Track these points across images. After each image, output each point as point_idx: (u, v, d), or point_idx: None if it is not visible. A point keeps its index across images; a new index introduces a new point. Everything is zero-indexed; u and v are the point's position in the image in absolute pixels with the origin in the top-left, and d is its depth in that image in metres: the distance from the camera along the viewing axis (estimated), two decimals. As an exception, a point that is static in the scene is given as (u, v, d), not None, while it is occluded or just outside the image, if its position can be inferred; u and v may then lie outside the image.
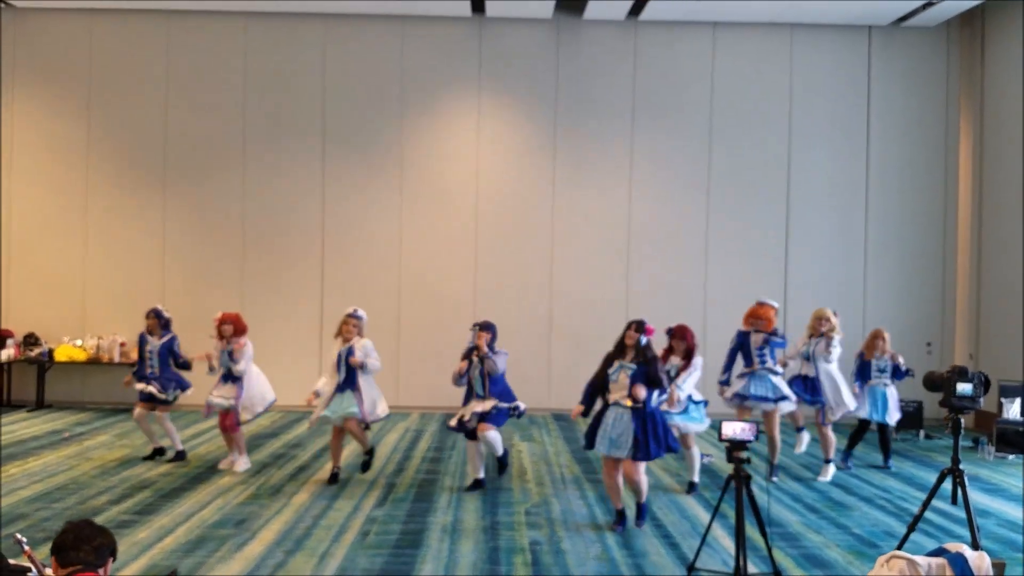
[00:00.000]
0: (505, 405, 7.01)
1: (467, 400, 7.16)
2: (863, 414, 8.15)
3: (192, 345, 11.04)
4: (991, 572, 2.87)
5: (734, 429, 3.91)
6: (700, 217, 11.50)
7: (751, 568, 4.93)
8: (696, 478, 7.26)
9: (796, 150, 11.51)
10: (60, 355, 10.85)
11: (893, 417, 8.24)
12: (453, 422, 7.13)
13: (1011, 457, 8.96)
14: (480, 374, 7.03)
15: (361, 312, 7.49)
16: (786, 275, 11.50)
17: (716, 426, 10.39)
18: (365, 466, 7.57)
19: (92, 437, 9.21)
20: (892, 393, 8.27)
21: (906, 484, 7.75)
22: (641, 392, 5.80)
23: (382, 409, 7.44)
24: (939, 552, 2.96)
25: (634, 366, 5.95)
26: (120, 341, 10.88)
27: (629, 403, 5.89)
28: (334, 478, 7.37)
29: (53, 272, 11.31)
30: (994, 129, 10.96)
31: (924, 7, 10.56)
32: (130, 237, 11.36)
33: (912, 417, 10.01)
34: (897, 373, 8.28)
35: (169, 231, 11.40)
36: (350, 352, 7.29)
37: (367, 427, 7.58)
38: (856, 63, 11.50)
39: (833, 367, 7.80)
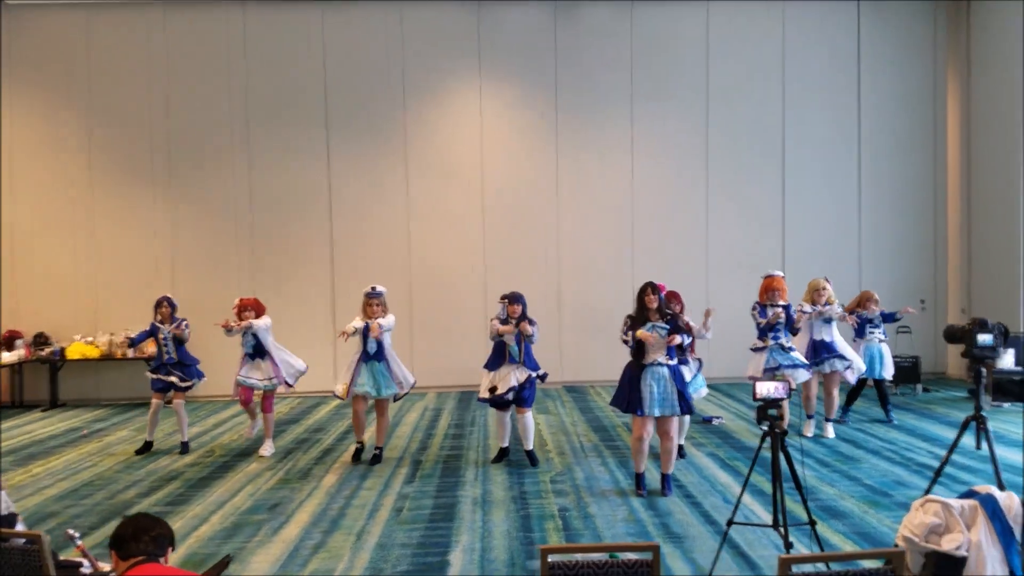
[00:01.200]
0: (535, 373, 7.16)
1: (495, 366, 7.17)
2: (860, 374, 8.42)
3: (207, 334, 11.21)
4: (1020, 511, 3.07)
5: (767, 388, 4.11)
6: (700, 188, 11.70)
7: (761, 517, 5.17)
8: (682, 440, 7.43)
9: (790, 122, 11.71)
10: (73, 353, 10.94)
11: (889, 372, 8.51)
12: (484, 393, 7.14)
13: (1007, 405, 9.26)
14: (517, 340, 7.10)
15: (380, 288, 7.55)
16: (784, 241, 11.73)
17: (717, 387, 10.57)
18: (376, 458, 7.56)
19: (112, 433, 9.33)
20: (886, 349, 8.56)
21: (910, 435, 8.04)
22: (678, 339, 6.08)
23: (410, 379, 7.61)
24: (969, 494, 3.16)
25: (664, 325, 6.15)
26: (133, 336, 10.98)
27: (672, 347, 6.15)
28: (358, 455, 7.55)
29: (60, 271, 11.39)
30: (980, 97, 11.19)
31: (910, -25, 10.72)
32: (137, 230, 11.45)
33: (909, 372, 10.32)
34: (887, 319, 8.57)
35: (176, 222, 11.49)
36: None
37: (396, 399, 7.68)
38: (846, 36, 11.69)
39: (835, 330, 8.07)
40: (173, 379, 8.04)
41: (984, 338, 4.49)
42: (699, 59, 11.63)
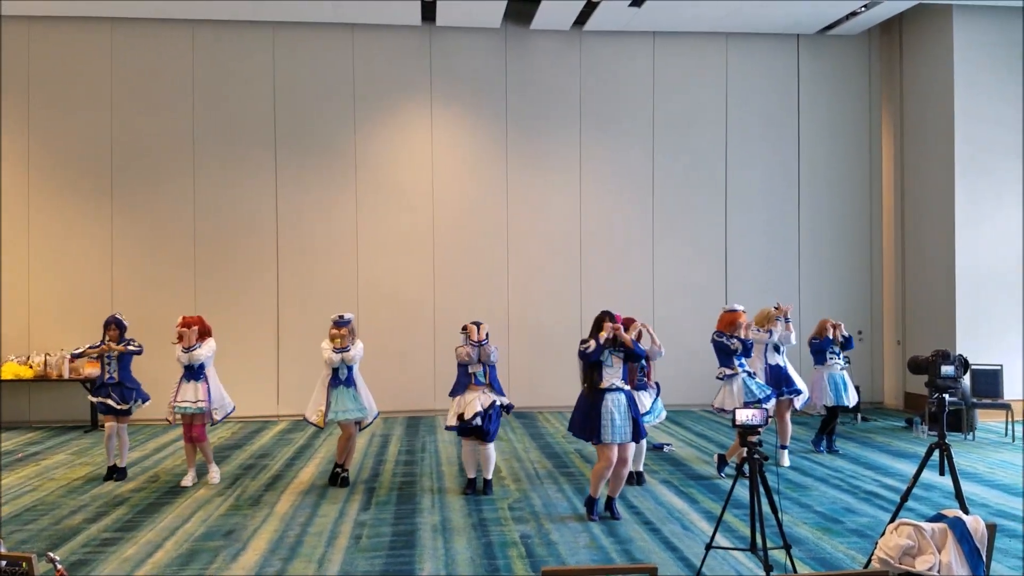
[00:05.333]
0: (500, 401, 7.17)
1: (460, 391, 7.17)
2: (830, 402, 8.69)
3: (149, 357, 10.91)
4: (986, 533, 3.25)
5: (746, 415, 4.25)
6: (646, 215, 11.97)
7: (723, 543, 5.30)
8: (640, 467, 7.55)
9: (732, 151, 12.10)
10: (6, 373, 10.48)
11: (852, 399, 8.82)
12: (452, 420, 7.12)
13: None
14: (483, 363, 7.14)
15: (348, 315, 7.53)
16: (726, 268, 12.05)
17: (671, 416, 10.75)
18: (343, 481, 7.54)
19: (48, 456, 8.97)
20: (848, 376, 8.91)
21: (854, 464, 8.31)
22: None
23: (375, 408, 7.64)
24: (939, 518, 3.32)
25: (620, 351, 6.27)
26: (68, 357, 10.60)
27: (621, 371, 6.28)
28: (344, 481, 7.51)
29: (-6, 289, 10.96)
30: (913, 128, 11.76)
31: (848, 17, 11.26)
32: (76, 250, 11.09)
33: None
34: (847, 346, 8.97)
35: (117, 243, 11.17)
36: (346, 351, 7.39)
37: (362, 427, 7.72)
38: (786, 69, 12.17)
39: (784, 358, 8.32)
40: (110, 402, 7.75)
41: (947, 369, 4.75)
42: (646, 88, 11.96)
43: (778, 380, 8.12)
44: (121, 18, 11.12)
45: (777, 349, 8.22)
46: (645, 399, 7.22)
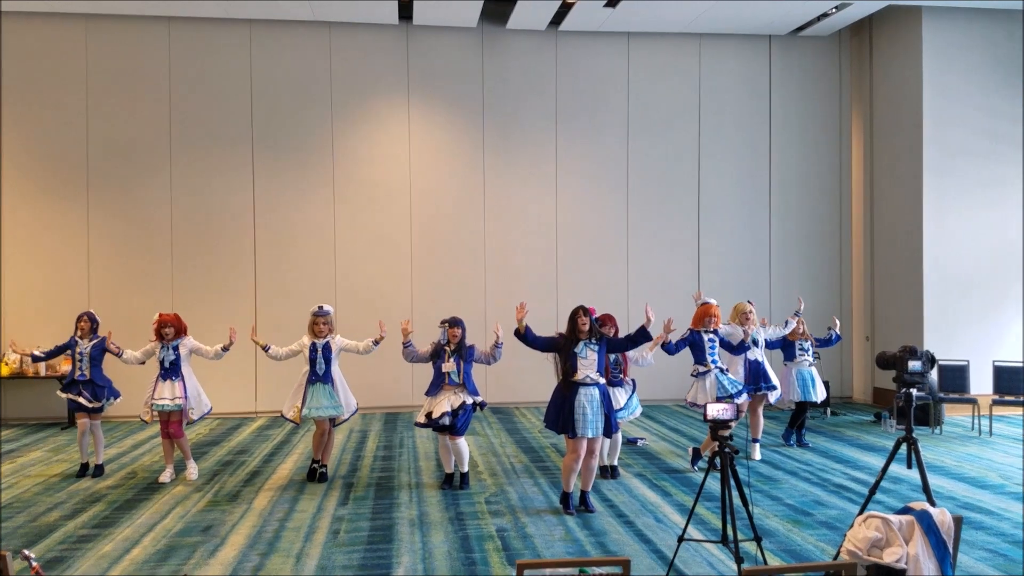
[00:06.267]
0: (471, 400, 7.23)
1: (434, 391, 7.20)
2: (797, 398, 8.86)
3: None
4: (952, 525, 3.35)
5: (717, 410, 4.36)
6: (620, 212, 12.09)
7: (695, 535, 5.43)
8: (615, 461, 7.68)
9: (705, 150, 12.25)
10: (-19, 371, 10.43)
11: (820, 395, 8.98)
12: (421, 418, 7.18)
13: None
14: (456, 363, 7.14)
15: (328, 307, 7.59)
16: (699, 267, 12.21)
17: (645, 411, 10.89)
18: (321, 476, 7.60)
19: (24, 454, 8.93)
20: (816, 372, 9.06)
21: (824, 457, 8.49)
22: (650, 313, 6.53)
23: (353, 404, 7.68)
24: (906, 510, 3.42)
25: (596, 344, 6.34)
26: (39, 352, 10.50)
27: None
28: (322, 476, 7.55)
29: (-32, 286, 10.83)
30: (882, 128, 11.98)
31: (819, 18, 11.44)
32: (52, 247, 11.01)
33: (819, 396, 10.86)
34: (823, 343, 9.15)
35: (94, 240, 11.09)
36: (327, 347, 7.42)
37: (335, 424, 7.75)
38: (758, 69, 12.34)
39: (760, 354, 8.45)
40: (81, 400, 7.74)
41: (914, 364, 4.88)
42: (620, 87, 12.08)
43: (756, 375, 8.26)
44: (96, 15, 11.03)
45: (756, 344, 8.35)
46: (620, 395, 7.32)
